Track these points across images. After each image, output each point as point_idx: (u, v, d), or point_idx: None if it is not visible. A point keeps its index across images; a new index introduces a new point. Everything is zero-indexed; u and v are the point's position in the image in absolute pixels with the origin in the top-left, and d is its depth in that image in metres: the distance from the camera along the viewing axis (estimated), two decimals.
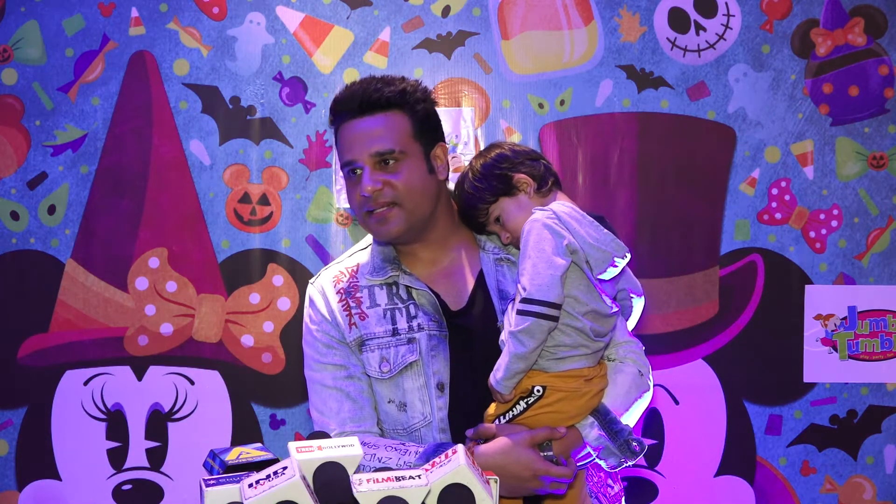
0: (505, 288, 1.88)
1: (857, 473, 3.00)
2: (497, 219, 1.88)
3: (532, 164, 1.88)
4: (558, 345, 1.75)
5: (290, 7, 2.94)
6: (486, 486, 1.32)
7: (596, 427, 1.77)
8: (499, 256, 1.92)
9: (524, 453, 1.71)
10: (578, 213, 1.80)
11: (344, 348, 1.90)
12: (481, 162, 1.89)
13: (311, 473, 1.29)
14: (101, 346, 2.92)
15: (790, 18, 2.97)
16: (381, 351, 1.87)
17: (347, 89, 1.89)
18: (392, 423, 1.88)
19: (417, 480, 1.28)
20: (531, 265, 1.72)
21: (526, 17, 2.96)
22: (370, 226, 1.88)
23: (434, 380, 1.84)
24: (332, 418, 1.87)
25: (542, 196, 1.86)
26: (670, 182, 2.97)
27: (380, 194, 1.83)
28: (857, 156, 2.98)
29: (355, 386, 1.88)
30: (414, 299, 1.89)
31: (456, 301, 1.90)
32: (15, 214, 2.92)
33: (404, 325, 1.86)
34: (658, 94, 2.96)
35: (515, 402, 1.76)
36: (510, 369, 1.72)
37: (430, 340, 1.85)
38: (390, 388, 1.86)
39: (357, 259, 1.97)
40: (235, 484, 1.28)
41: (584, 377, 1.77)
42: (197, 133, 2.93)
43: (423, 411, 1.85)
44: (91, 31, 2.91)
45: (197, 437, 2.93)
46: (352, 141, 1.85)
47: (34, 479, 2.93)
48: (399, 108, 1.86)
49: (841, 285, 2.98)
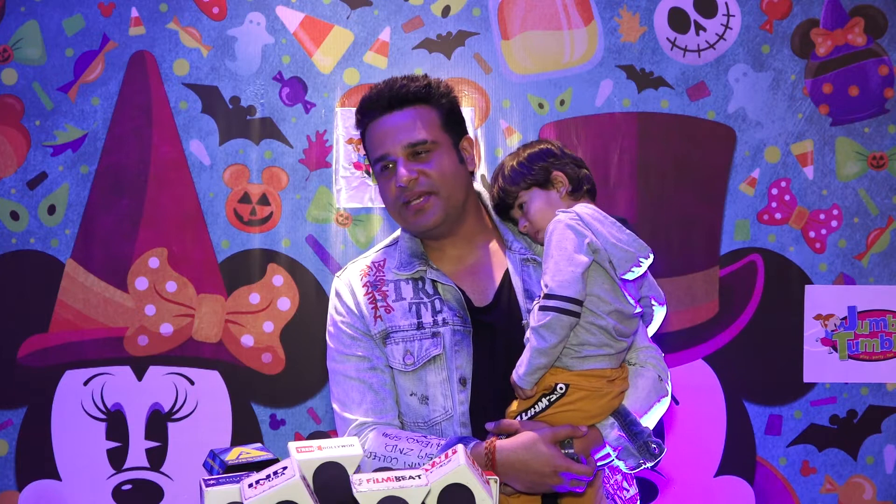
0: (530, 287, 1.90)
1: (857, 473, 3.00)
2: (521, 206, 1.91)
3: (575, 168, 1.93)
4: (582, 343, 1.77)
5: (290, 7, 2.94)
6: (486, 486, 1.32)
7: (616, 428, 1.79)
8: (525, 256, 1.94)
9: (546, 449, 1.72)
10: (601, 215, 1.84)
11: (368, 340, 1.92)
12: (529, 151, 1.94)
13: (311, 473, 1.29)
14: (101, 346, 2.92)
15: (790, 18, 2.97)
16: (405, 344, 1.89)
17: (373, 90, 1.93)
18: (413, 416, 1.89)
19: (417, 480, 1.28)
20: (553, 263, 1.75)
21: (526, 17, 2.96)
22: (407, 217, 1.90)
23: (457, 374, 1.86)
24: (353, 409, 1.89)
25: (573, 199, 1.91)
26: (670, 182, 2.97)
27: (415, 184, 1.86)
28: (857, 156, 2.98)
29: (378, 378, 1.90)
30: (440, 294, 1.91)
31: (481, 298, 1.92)
32: (15, 214, 2.92)
33: (429, 320, 1.89)
34: (658, 94, 2.96)
35: (538, 399, 1.78)
36: (532, 364, 1.75)
37: (454, 335, 1.87)
38: (413, 381, 1.88)
39: (385, 254, 2.00)
40: (235, 484, 1.28)
41: (607, 377, 1.79)
42: (197, 133, 2.93)
43: (445, 405, 1.86)
44: (91, 31, 2.91)
45: (197, 437, 2.93)
46: (383, 136, 1.89)
47: (34, 479, 2.93)
48: (426, 102, 1.90)
49: (841, 285, 2.98)
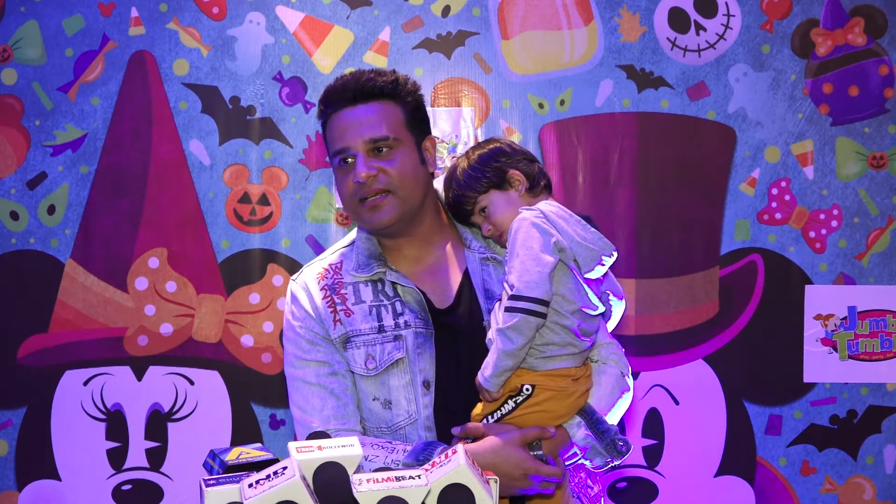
0: (491, 287, 1.87)
1: (857, 473, 3.00)
2: (482, 210, 1.88)
3: (528, 164, 1.89)
4: (547, 343, 1.75)
5: (289, 7, 2.94)
6: (486, 486, 1.32)
7: (583, 427, 1.78)
8: (485, 255, 1.91)
9: (515, 452, 1.70)
10: (566, 213, 1.82)
11: (328, 345, 1.87)
12: (479, 152, 1.90)
13: (311, 473, 1.29)
14: (101, 346, 2.92)
15: (790, 18, 2.97)
16: (367, 348, 1.84)
17: (339, 81, 1.88)
18: (376, 422, 1.85)
19: (417, 480, 1.28)
20: (519, 263, 1.72)
21: (526, 17, 2.96)
22: (362, 214, 1.85)
23: (420, 377, 1.83)
24: (314, 416, 1.84)
25: (531, 196, 1.87)
26: (670, 182, 2.97)
27: (374, 180, 1.81)
28: (857, 156, 2.98)
29: (339, 383, 1.85)
30: (400, 296, 1.87)
31: (441, 299, 1.89)
32: (15, 214, 2.92)
33: (390, 323, 1.85)
34: (658, 94, 2.96)
35: (504, 401, 1.76)
36: (498, 366, 1.72)
37: (416, 338, 1.83)
38: (376, 385, 1.84)
39: (340, 256, 1.94)
40: (235, 484, 1.28)
41: (572, 377, 1.78)
42: (197, 133, 2.93)
43: (409, 409, 1.83)
44: (91, 31, 2.91)
45: (197, 437, 2.93)
46: (345, 129, 1.83)
47: (34, 479, 2.93)
48: (391, 98, 1.86)
49: (841, 285, 2.98)
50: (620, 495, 3.00)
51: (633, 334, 2.97)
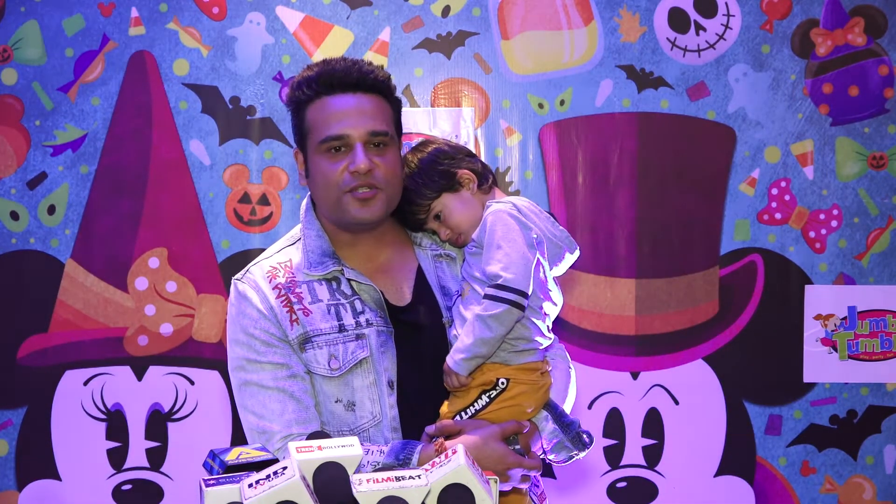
0: (446, 284, 1.85)
1: (857, 473, 3.00)
2: (437, 215, 1.84)
3: (471, 161, 1.86)
4: (519, 337, 1.75)
5: (289, 7, 2.94)
6: (486, 486, 1.32)
7: (550, 420, 1.77)
8: (437, 253, 1.88)
9: (497, 447, 1.69)
10: (536, 208, 1.81)
11: (285, 346, 1.77)
12: (419, 157, 1.85)
13: (311, 473, 1.29)
14: (101, 346, 2.92)
15: (790, 18, 2.97)
16: (329, 348, 1.77)
17: (337, 63, 1.81)
18: (338, 424, 1.78)
19: (417, 480, 1.28)
20: (504, 254, 1.71)
21: (526, 17, 2.96)
22: (347, 205, 1.76)
23: (385, 377, 1.77)
24: (274, 421, 1.75)
25: (483, 193, 1.85)
26: (670, 182, 2.97)
27: (370, 175, 1.75)
28: (857, 156, 2.98)
29: (299, 385, 1.76)
30: (358, 295, 1.80)
31: (397, 297, 1.83)
32: (15, 214, 2.92)
33: (351, 321, 1.78)
34: (658, 94, 2.96)
35: (478, 397, 1.74)
36: (472, 351, 1.70)
37: (378, 336, 1.78)
38: (338, 386, 1.77)
39: (288, 254, 1.86)
40: (235, 484, 1.28)
41: (539, 370, 1.78)
42: (197, 133, 2.93)
43: (373, 410, 1.77)
44: (91, 31, 2.91)
45: (197, 437, 2.93)
46: (345, 115, 1.76)
47: (34, 479, 2.93)
48: (385, 95, 1.82)
49: (841, 285, 2.98)
50: (620, 495, 3.00)
51: (633, 334, 2.97)
